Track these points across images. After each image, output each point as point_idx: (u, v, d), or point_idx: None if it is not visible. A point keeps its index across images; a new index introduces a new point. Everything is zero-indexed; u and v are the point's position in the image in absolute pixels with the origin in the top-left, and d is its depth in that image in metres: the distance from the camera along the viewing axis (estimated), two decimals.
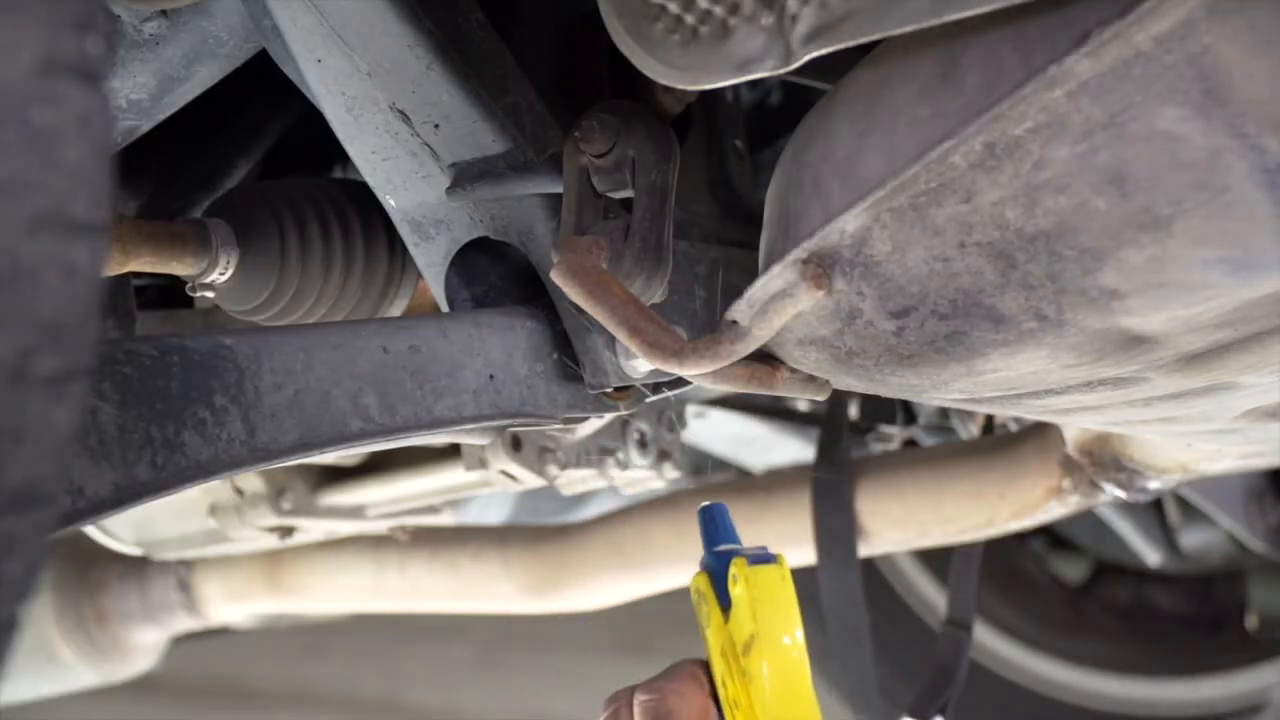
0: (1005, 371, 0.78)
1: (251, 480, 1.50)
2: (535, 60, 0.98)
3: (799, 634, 0.80)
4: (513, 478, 1.35)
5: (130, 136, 1.04)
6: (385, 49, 0.89)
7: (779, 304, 0.75)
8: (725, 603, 0.83)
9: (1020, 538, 2.32)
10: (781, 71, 0.69)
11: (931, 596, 2.13)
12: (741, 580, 0.80)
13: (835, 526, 1.49)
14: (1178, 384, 0.82)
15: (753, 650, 0.79)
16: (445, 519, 1.64)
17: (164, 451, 0.74)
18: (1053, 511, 1.42)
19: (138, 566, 1.87)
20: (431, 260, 1.01)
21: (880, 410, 1.70)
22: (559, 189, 0.94)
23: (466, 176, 0.96)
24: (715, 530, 0.88)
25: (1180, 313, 0.69)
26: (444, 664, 3.50)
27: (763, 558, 0.82)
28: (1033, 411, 0.96)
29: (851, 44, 0.66)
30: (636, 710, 0.83)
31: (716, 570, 0.85)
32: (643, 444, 1.46)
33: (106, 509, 0.72)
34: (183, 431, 0.75)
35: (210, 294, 1.04)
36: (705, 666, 0.85)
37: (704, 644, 0.85)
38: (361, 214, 1.07)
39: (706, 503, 0.89)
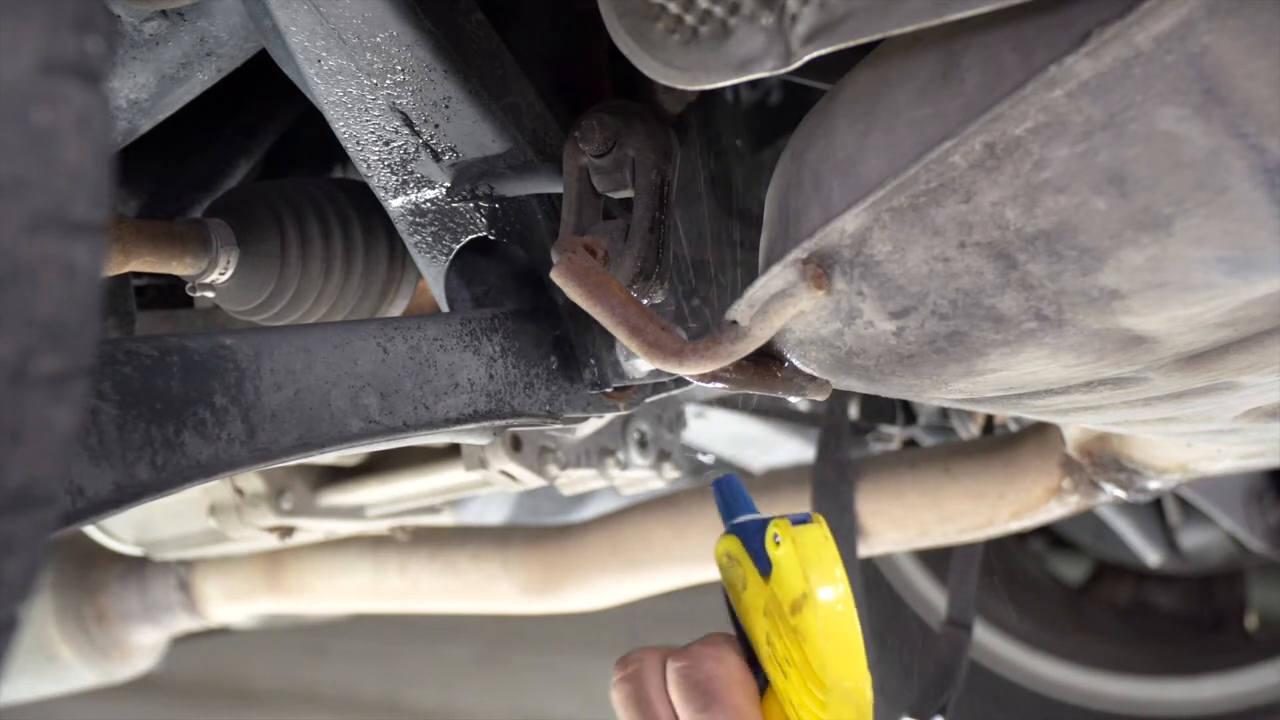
0: (1005, 371, 0.78)
1: (251, 480, 1.50)
2: (535, 60, 0.98)
3: (846, 589, 0.80)
4: (513, 478, 1.35)
5: (130, 136, 1.04)
6: (385, 49, 0.89)
7: (779, 304, 0.75)
8: (761, 564, 0.83)
9: (1020, 538, 2.32)
10: (781, 71, 0.69)
11: (931, 596, 2.13)
12: (787, 540, 0.81)
13: (835, 527, 1.49)
14: (1178, 384, 0.82)
15: (804, 608, 0.79)
16: (445, 519, 1.64)
17: (164, 451, 0.74)
18: (1053, 511, 1.42)
19: (138, 566, 1.87)
20: (431, 260, 1.01)
21: (880, 410, 1.70)
22: (559, 189, 0.94)
23: (466, 176, 0.96)
24: (733, 502, 0.88)
25: (1180, 313, 0.69)
26: (444, 664, 3.50)
27: (801, 518, 0.82)
28: (1033, 411, 0.96)
29: (851, 44, 0.66)
30: (671, 677, 0.82)
31: (747, 533, 0.85)
32: (643, 444, 1.46)
33: (106, 509, 0.72)
34: (183, 431, 0.75)
35: (210, 294, 1.04)
36: (732, 638, 0.85)
37: (732, 608, 0.85)
38: (361, 214, 1.07)
39: (719, 476, 0.89)
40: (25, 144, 0.46)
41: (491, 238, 0.99)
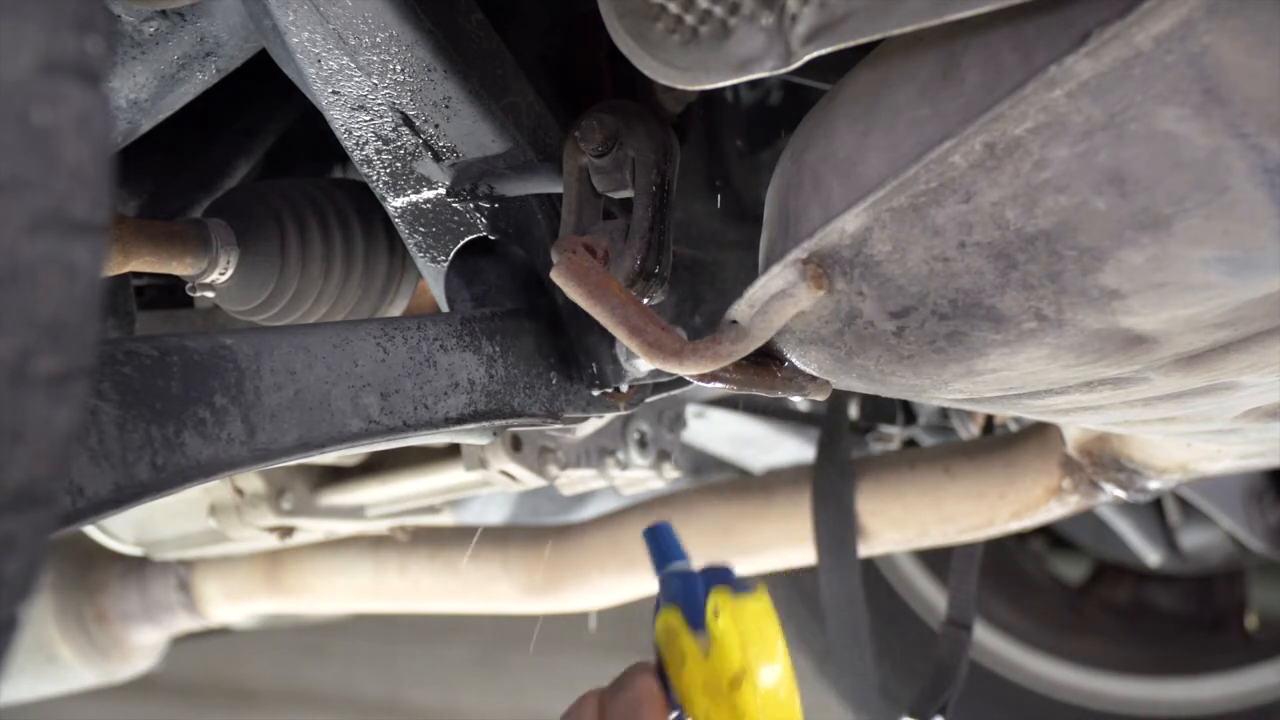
0: (1005, 371, 0.78)
1: (251, 480, 1.50)
2: (535, 60, 0.99)
3: (786, 665, 0.79)
4: (513, 478, 1.35)
5: (130, 136, 1.04)
6: (385, 49, 0.89)
7: (779, 304, 0.75)
8: (701, 637, 0.81)
9: (1020, 538, 2.32)
10: (781, 71, 0.69)
11: (931, 596, 2.13)
12: (725, 614, 0.79)
13: (835, 526, 1.49)
14: (1178, 384, 0.82)
15: (743, 685, 0.78)
16: (445, 519, 1.64)
17: (164, 451, 0.74)
18: (1053, 511, 1.42)
19: (138, 566, 1.87)
20: (431, 260, 1.01)
21: (880, 410, 1.70)
22: (559, 189, 0.94)
23: (466, 176, 0.96)
24: (664, 550, 0.86)
25: (1180, 313, 0.69)
26: (444, 664, 3.50)
27: (741, 586, 0.81)
28: (1033, 411, 0.96)
29: (851, 44, 0.66)
30: None
31: (686, 602, 0.83)
32: (643, 444, 1.46)
33: (106, 509, 0.72)
34: (183, 431, 0.75)
35: (210, 294, 1.04)
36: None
37: (667, 683, 0.83)
38: (361, 214, 1.07)
39: (649, 524, 0.88)
40: (25, 144, 0.46)
41: (491, 238, 0.99)
